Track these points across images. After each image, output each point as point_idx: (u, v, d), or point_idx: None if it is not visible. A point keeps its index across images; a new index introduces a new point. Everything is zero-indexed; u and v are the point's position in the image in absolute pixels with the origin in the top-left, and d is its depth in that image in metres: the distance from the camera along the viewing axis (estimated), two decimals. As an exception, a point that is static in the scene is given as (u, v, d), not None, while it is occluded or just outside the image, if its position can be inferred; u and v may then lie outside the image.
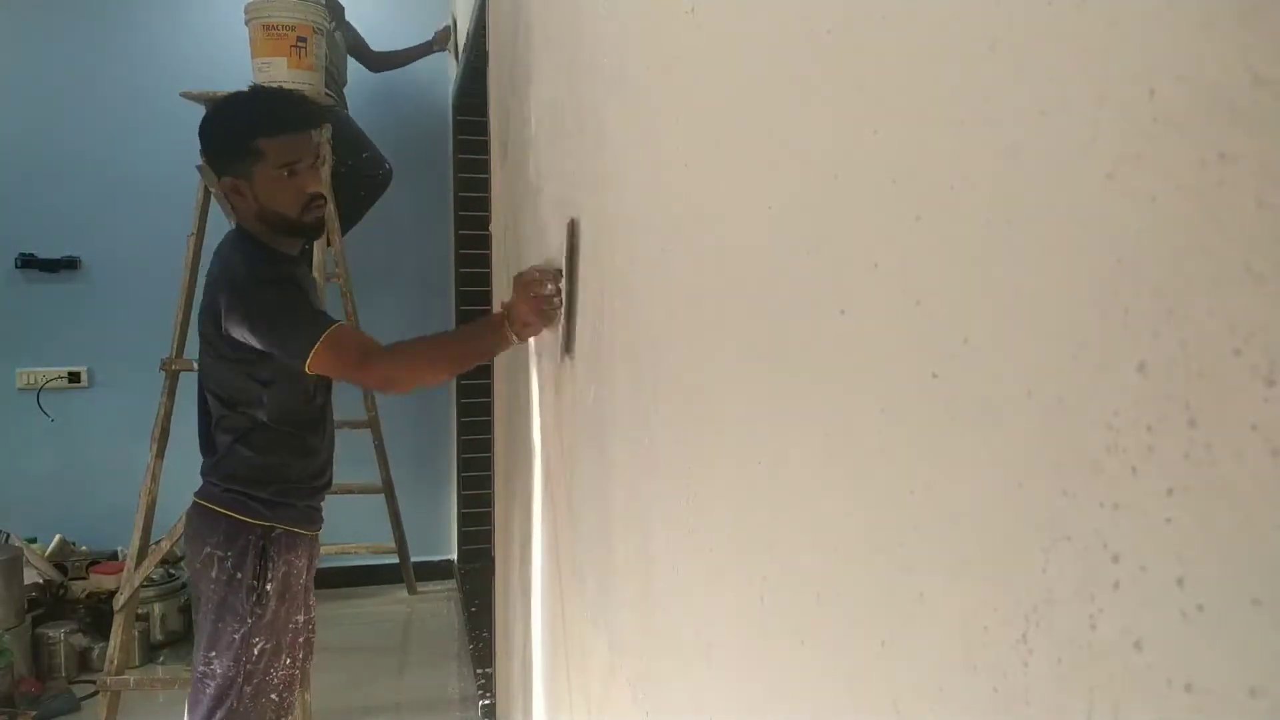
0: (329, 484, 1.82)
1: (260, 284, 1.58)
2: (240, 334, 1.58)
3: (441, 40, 3.54)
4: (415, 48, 3.53)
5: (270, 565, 1.64)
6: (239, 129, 1.59)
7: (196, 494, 1.72)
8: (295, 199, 1.59)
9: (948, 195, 0.38)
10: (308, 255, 1.95)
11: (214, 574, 1.63)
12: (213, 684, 1.65)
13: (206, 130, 1.64)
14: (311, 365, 1.52)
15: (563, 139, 1.27)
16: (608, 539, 1.00)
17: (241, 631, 1.63)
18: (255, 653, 1.64)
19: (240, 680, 1.64)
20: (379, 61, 3.50)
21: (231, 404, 1.67)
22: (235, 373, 1.64)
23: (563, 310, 1.29)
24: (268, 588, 1.64)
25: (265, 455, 1.67)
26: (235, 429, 1.67)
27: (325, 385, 1.76)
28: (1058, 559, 0.32)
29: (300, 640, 1.75)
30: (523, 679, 1.85)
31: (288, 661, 1.70)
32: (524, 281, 1.36)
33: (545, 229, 1.44)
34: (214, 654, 1.64)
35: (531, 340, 1.55)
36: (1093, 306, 0.30)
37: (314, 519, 1.78)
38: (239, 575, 1.62)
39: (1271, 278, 0.24)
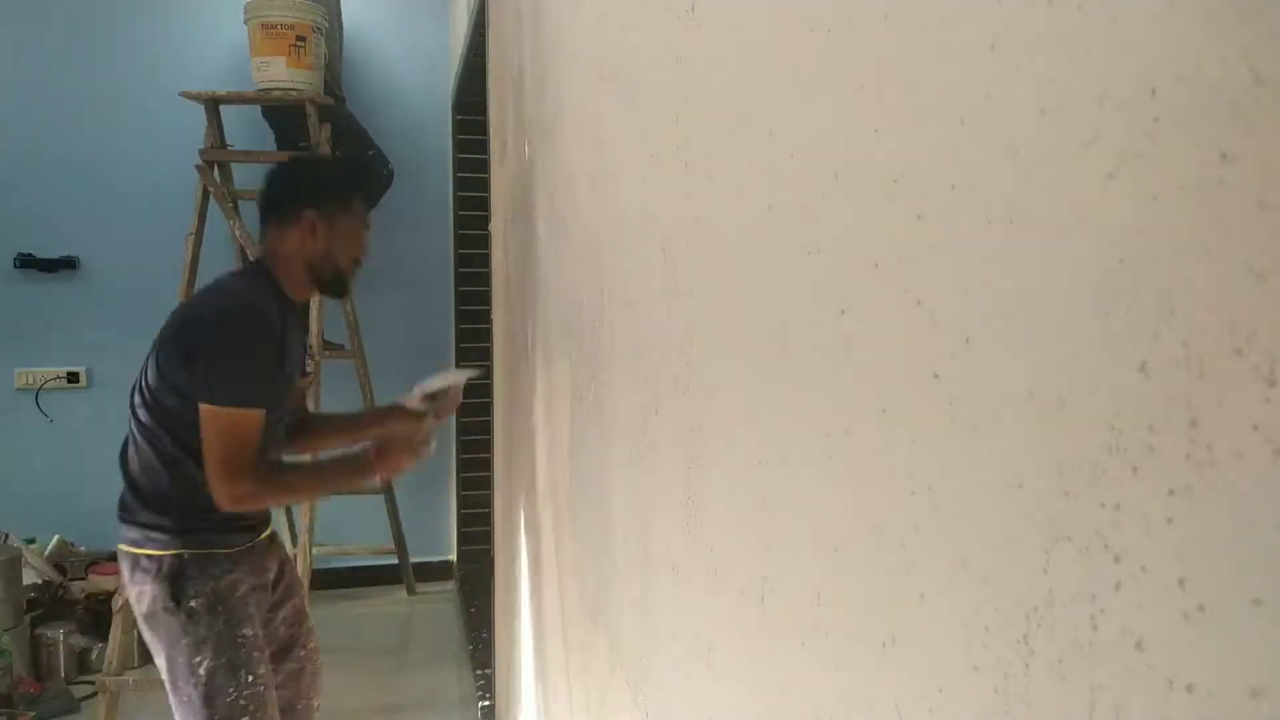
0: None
1: (248, 320, 1.59)
2: (189, 355, 1.57)
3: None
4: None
5: (188, 585, 1.61)
6: (347, 182, 1.80)
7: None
8: (355, 252, 1.77)
9: (948, 195, 0.38)
10: (304, 309, 2.00)
11: (144, 609, 1.64)
12: (188, 711, 1.63)
13: (314, 167, 1.84)
14: (203, 411, 1.55)
15: (562, 139, 1.26)
16: (608, 539, 1.00)
17: (184, 654, 1.62)
18: (203, 673, 1.61)
19: (202, 706, 1.61)
20: None
21: (152, 431, 1.63)
22: (172, 397, 1.61)
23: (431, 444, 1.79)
24: (192, 604, 1.61)
25: (169, 483, 1.63)
26: (140, 461, 1.65)
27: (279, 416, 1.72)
28: (1059, 559, 0.32)
29: (255, 655, 1.66)
30: (522, 680, 1.85)
31: (248, 679, 1.63)
32: (406, 436, 1.77)
33: (546, 228, 1.44)
34: (178, 682, 1.64)
35: (530, 339, 1.56)
36: (1094, 306, 0.30)
37: (233, 534, 1.68)
38: (159, 603, 1.62)
39: (1273, 277, 0.24)
